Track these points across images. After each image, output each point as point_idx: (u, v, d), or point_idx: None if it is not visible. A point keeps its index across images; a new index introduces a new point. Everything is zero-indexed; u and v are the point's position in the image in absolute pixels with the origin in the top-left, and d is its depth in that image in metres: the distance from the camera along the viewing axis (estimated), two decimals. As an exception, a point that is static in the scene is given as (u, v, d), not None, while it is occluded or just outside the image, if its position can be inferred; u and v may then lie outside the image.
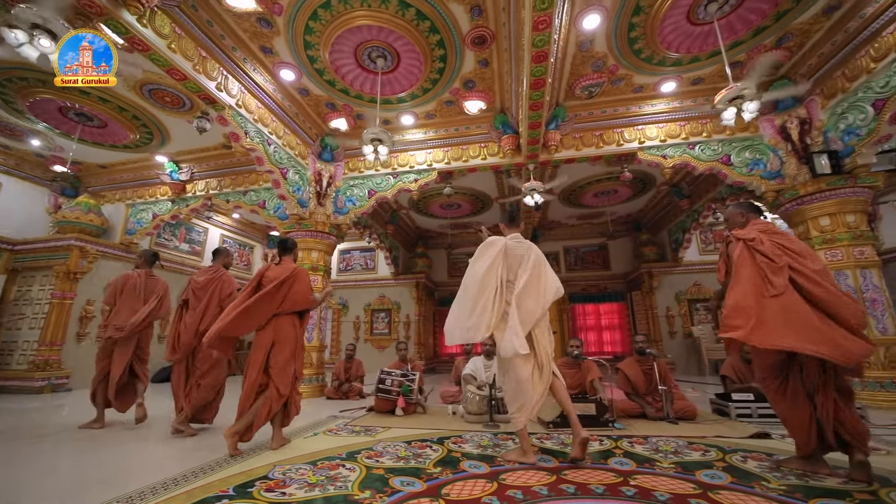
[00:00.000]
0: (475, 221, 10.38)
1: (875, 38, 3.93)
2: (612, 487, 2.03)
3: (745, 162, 5.12)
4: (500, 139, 5.68)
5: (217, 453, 2.65)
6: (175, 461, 2.52)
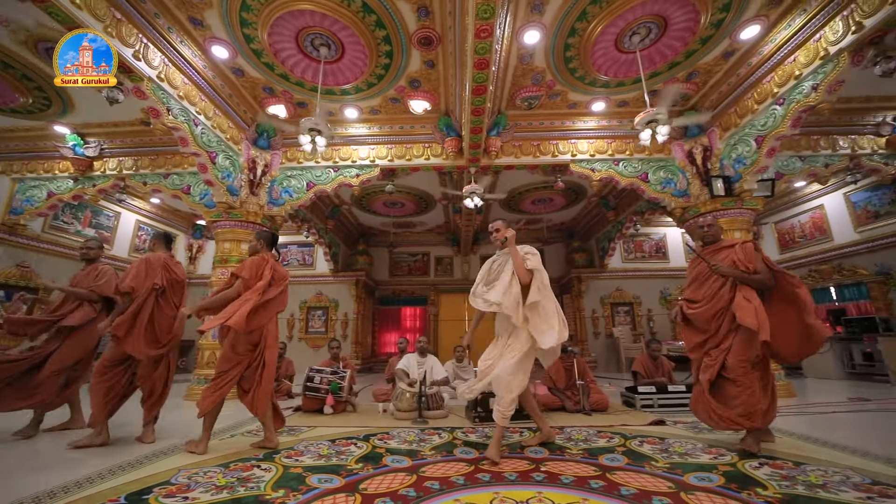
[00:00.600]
0: (419, 221, 10.42)
1: (758, 84, 4.63)
2: (524, 474, 2.16)
3: (659, 180, 5.73)
4: (443, 141, 5.78)
5: (109, 459, 2.39)
6: (62, 469, 2.23)
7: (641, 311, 9.90)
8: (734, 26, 4.19)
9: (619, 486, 1.97)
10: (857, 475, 2.05)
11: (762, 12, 4.04)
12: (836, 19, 3.72)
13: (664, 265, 10.14)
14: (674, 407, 4.06)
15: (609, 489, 1.93)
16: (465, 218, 8.75)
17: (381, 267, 11.78)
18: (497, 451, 2.40)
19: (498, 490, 1.92)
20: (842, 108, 5.53)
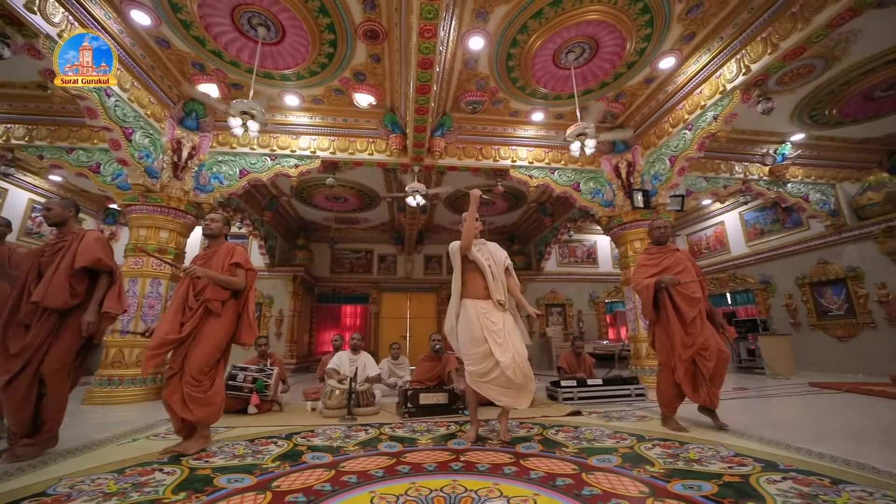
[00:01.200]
0: (363, 217, 10.22)
1: (672, 110, 5.21)
2: (443, 464, 2.23)
3: (589, 190, 6.19)
4: (388, 137, 5.74)
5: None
6: None
7: (573, 313, 10.60)
8: (654, 56, 4.67)
9: (530, 470, 2.11)
10: (725, 450, 2.38)
11: (676, 46, 4.55)
12: (732, 61, 4.31)
13: (594, 270, 10.94)
14: (591, 399, 4.40)
15: (520, 474, 2.05)
16: (409, 216, 8.75)
17: (321, 263, 11.37)
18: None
19: (415, 480, 1.96)
20: (736, 139, 6.40)
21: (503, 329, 2.76)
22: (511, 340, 2.75)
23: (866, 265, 6.65)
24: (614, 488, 1.83)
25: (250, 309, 2.75)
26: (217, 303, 2.57)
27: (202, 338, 2.50)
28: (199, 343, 2.49)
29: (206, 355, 2.48)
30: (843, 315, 7.02)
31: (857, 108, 5.72)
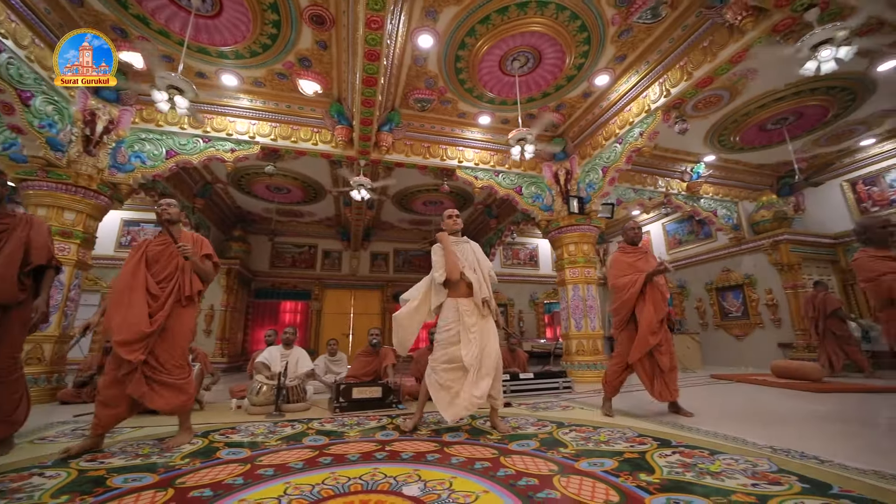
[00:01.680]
0: (307, 210, 9.83)
1: (606, 124, 5.65)
2: (367, 454, 2.23)
3: (531, 194, 6.49)
4: (334, 128, 5.59)
5: None
6: None
7: (514, 313, 11.02)
8: (591, 72, 5.03)
9: (452, 456, 2.18)
10: (631, 432, 2.63)
11: (610, 65, 4.94)
12: (656, 84, 4.77)
13: (535, 272, 11.47)
14: (523, 392, 4.62)
15: (442, 460, 2.11)
16: (355, 211, 8.57)
17: (260, 256, 10.75)
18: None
19: (335, 470, 1.94)
20: (660, 156, 7.07)
21: (477, 326, 2.81)
22: (485, 339, 2.81)
23: (758, 273, 7.66)
24: (527, 468, 1.95)
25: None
26: (196, 294, 2.59)
27: (177, 328, 2.47)
28: (173, 333, 2.45)
29: (184, 344, 2.49)
30: (740, 316, 8.02)
31: (754, 136, 6.59)
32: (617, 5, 4.06)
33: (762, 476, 1.75)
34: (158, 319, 2.39)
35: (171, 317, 2.45)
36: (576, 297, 6.04)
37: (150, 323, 2.36)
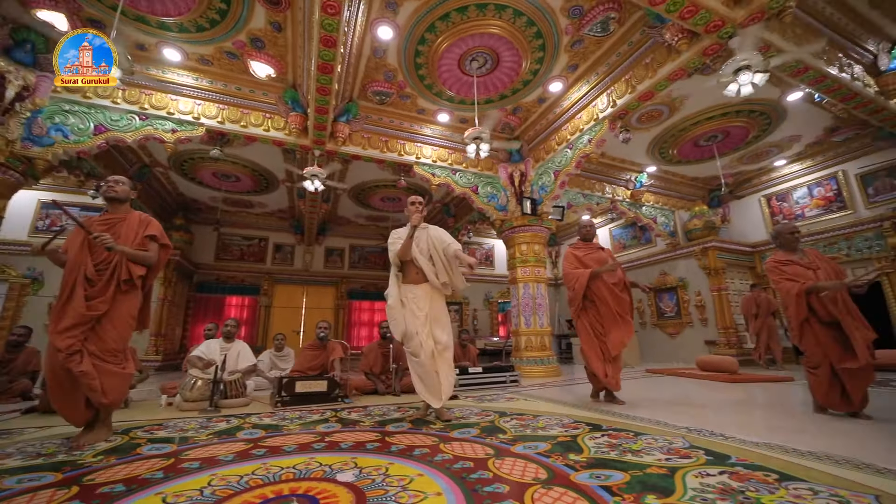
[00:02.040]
0: (258, 201, 9.36)
1: (558, 130, 5.90)
2: (305, 446, 2.17)
3: (486, 194, 6.64)
4: (287, 115, 5.38)
5: None
6: None
7: (469, 311, 11.18)
8: (545, 78, 5.24)
9: (392, 444, 2.18)
10: (568, 419, 2.77)
11: (563, 73, 5.17)
12: (604, 95, 5.06)
13: (490, 272, 11.71)
14: (472, 385, 4.70)
15: (381, 449, 2.11)
16: (309, 204, 8.29)
17: (204, 248, 10.07)
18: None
19: (268, 461, 1.87)
20: (608, 164, 7.51)
21: (426, 317, 2.83)
22: (431, 329, 2.82)
23: (690, 276, 8.36)
24: (465, 453, 1.99)
25: (148, 291, 2.57)
26: (137, 279, 2.41)
27: (117, 314, 2.33)
28: (113, 320, 2.31)
29: (125, 333, 2.37)
30: (673, 316, 8.71)
31: (689, 151, 7.19)
32: (570, 16, 4.27)
33: (675, 451, 1.92)
34: (102, 306, 2.26)
35: (110, 302, 2.31)
36: (526, 295, 6.26)
37: (88, 308, 2.22)
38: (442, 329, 2.90)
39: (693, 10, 3.46)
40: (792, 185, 7.79)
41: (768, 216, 8.13)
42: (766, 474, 1.58)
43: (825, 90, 4.76)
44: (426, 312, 2.85)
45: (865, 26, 4.56)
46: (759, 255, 8.19)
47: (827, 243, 7.13)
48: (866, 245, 6.70)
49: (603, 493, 1.43)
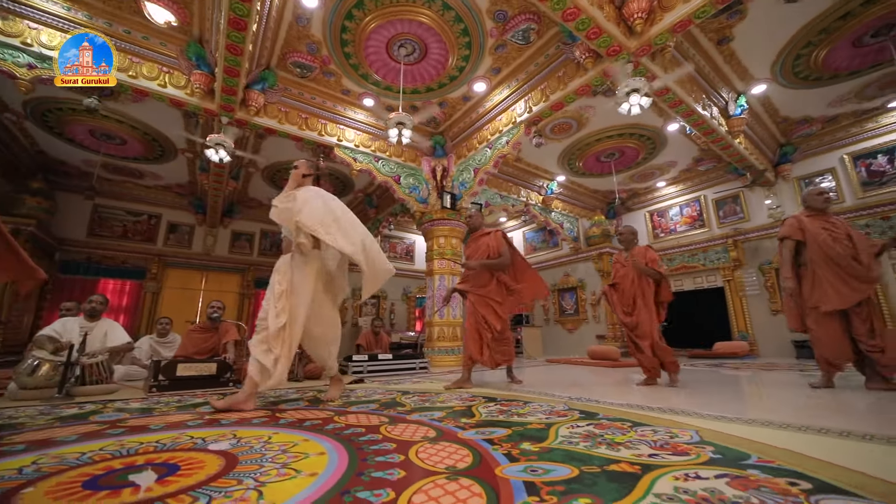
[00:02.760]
0: (150, 171, 8.14)
1: (480, 129, 6.18)
2: (177, 423, 1.95)
3: (408, 185, 6.66)
4: (190, 72, 4.79)
5: None
6: None
7: (386, 305, 11.07)
8: (471, 77, 5.44)
9: (281, 418, 2.07)
10: (467, 394, 2.90)
11: (487, 75, 5.43)
12: (522, 101, 5.43)
13: (410, 266, 11.75)
14: (381, 372, 4.67)
15: (268, 423, 1.98)
16: (214, 180, 7.47)
17: (73, 220, 8.43)
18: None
19: (124, 439, 1.64)
20: (524, 169, 8.07)
21: (288, 288, 2.59)
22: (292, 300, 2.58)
23: (588, 278, 9.36)
24: (358, 422, 1.97)
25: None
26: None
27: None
28: None
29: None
30: (573, 313, 9.65)
31: (592, 165, 8.07)
32: (495, 20, 4.50)
33: (555, 413, 2.13)
34: None
35: None
36: (441, 287, 6.41)
37: None
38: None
39: (597, 32, 3.90)
40: (669, 204, 9.18)
41: (651, 229, 9.46)
42: (622, 423, 1.84)
43: (693, 123, 5.71)
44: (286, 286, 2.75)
45: (721, 76, 5.58)
46: (642, 262, 9.48)
47: (690, 254, 8.55)
48: (717, 257, 8.18)
49: (485, 444, 1.52)
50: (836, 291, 2.92)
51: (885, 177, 6.60)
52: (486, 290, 3.56)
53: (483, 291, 3.56)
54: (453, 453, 1.39)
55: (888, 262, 6.26)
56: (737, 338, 7.61)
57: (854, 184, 6.82)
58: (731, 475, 1.12)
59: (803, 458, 1.27)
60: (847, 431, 1.61)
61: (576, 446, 1.45)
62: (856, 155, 6.86)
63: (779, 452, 1.34)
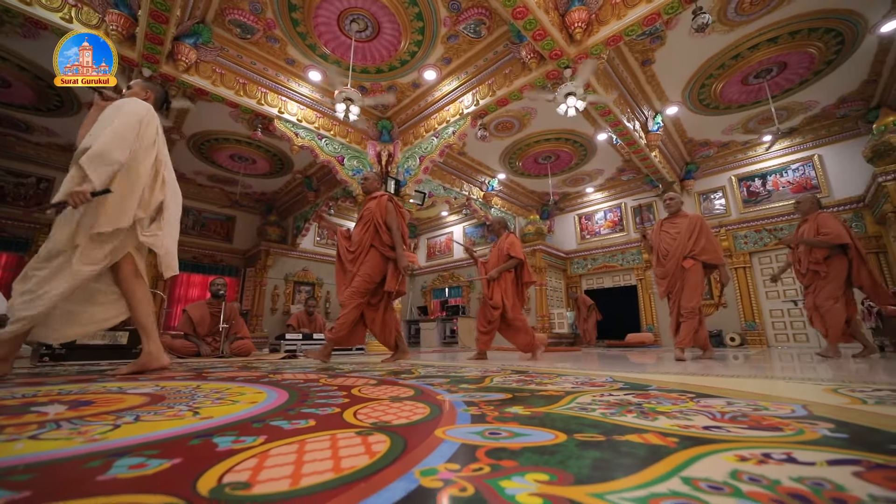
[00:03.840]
0: (40, 125, 6.97)
1: (428, 118, 6.28)
2: (86, 378, 1.76)
3: (352, 167, 6.53)
4: (105, 10, 4.23)
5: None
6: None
7: (321, 293, 10.68)
8: (422, 63, 5.51)
9: (207, 376, 1.96)
10: (406, 364, 2.96)
11: (437, 64, 5.54)
12: (470, 93, 5.64)
13: (350, 256, 11.46)
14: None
15: (195, 378, 1.87)
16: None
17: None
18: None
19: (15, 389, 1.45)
20: (468, 164, 8.33)
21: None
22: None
23: (521, 273, 9.92)
24: (295, 378, 1.94)
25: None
26: None
27: None
28: None
29: None
30: (505, 306, 10.16)
31: (531, 166, 8.59)
32: (450, 9, 4.63)
33: (590, 384, 2.29)
34: None
35: None
36: (381, 272, 6.37)
37: None
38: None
39: (542, 34, 4.21)
40: (595, 209, 10.09)
41: (579, 231, 10.32)
42: (681, 394, 1.25)
43: (619, 133, 6.38)
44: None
45: (643, 95, 6.31)
46: (570, 261, 10.30)
47: (611, 254, 9.48)
48: (632, 258, 9.18)
49: (445, 394, 1.60)
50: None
51: (759, 197, 7.95)
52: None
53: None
54: (397, 390, 1.40)
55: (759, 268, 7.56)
56: (645, 330, 8.62)
57: (738, 201, 8.12)
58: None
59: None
60: None
61: (589, 413, 0.96)
62: (740, 177, 8.17)
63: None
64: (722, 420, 0.85)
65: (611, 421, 0.86)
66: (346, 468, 0.54)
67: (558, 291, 10.07)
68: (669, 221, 3.76)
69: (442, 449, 0.64)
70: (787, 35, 5.07)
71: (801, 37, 5.09)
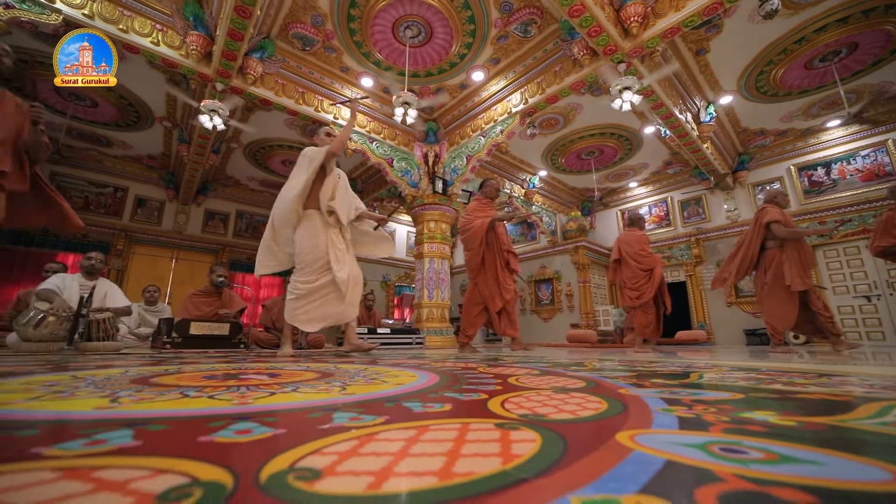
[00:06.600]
0: (119, 138, 7.65)
1: (475, 118, 6.39)
2: (259, 359, 2.01)
3: (401, 168, 6.75)
4: (186, 33, 4.63)
5: None
6: None
7: (365, 289, 11.04)
8: (470, 65, 5.63)
9: (377, 361, 2.17)
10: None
11: (486, 65, 5.65)
12: (518, 92, 5.70)
13: (390, 254, 11.78)
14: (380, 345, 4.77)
15: (369, 362, 2.09)
16: (195, 152, 7.16)
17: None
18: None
19: (203, 367, 1.70)
20: (510, 162, 8.38)
21: (344, 246, 2.85)
22: (348, 259, 2.86)
23: (563, 270, 9.86)
24: (455, 365, 2.12)
25: None
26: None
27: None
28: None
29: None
30: (549, 303, 10.13)
31: (573, 162, 8.52)
32: (501, 10, 4.72)
33: (695, 367, 2.38)
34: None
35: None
36: (430, 270, 6.57)
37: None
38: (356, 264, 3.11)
39: (598, 31, 4.22)
40: (639, 203, 9.86)
41: (623, 227, 10.11)
42: (805, 374, 1.34)
43: (670, 126, 6.23)
44: (343, 243, 3.00)
45: (696, 85, 6.14)
46: (612, 257, 10.12)
47: (657, 250, 9.23)
48: (681, 253, 8.92)
49: (604, 379, 1.71)
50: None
51: (822, 187, 7.51)
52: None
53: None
54: (564, 381, 1.18)
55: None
56: (696, 327, 8.36)
57: (798, 191, 7.70)
58: None
59: None
60: None
61: (734, 382, 1.05)
62: (800, 166, 7.74)
63: None
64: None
65: None
66: (458, 474, 0.38)
67: (601, 288, 9.92)
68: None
69: (629, 464, 0.41)
70: (859, 14, 4.80)
71: (876, 14, 4.79)
